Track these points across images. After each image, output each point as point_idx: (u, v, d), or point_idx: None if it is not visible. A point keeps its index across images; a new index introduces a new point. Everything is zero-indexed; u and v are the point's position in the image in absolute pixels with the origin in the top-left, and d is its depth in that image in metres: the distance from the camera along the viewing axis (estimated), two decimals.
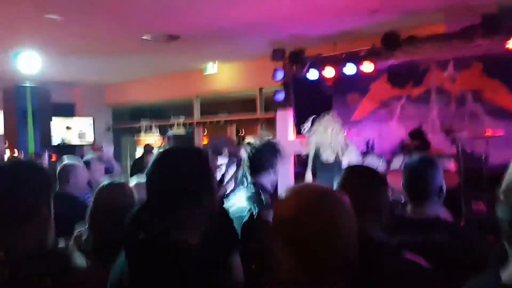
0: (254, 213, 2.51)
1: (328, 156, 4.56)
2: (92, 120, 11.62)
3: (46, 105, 5.79)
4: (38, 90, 5.66)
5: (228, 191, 4.09)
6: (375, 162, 5.62)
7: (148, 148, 9.03)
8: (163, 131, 13.30)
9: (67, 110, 11.58)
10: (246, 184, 2.80)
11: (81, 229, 2.25)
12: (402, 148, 5.89)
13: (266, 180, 2.72)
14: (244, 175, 2.97)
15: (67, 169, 3.76)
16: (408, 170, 2.25)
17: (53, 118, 7.72)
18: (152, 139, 12.97)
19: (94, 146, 9.38)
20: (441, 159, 5.48)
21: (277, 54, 7.66)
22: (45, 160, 5.78)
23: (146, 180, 1.56)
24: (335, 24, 7.02)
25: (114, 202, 2.44)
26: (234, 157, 4.95)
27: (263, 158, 2.76)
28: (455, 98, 6.68)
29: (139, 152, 11.58)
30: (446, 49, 6.37)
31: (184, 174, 1.50)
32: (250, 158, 2.79)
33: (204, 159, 1.59)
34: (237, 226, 2.43)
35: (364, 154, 5.87)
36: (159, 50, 8.32)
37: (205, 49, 8.49)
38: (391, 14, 6.50)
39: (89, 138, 11.45)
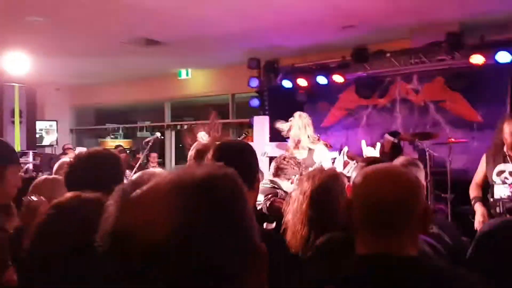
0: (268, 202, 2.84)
1: (300, 153, 4.74)
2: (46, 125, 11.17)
3: (33, 105, 5.83)
4: (25, 90, 5.70)
5: None
6: (349, 164, 6.02)
7: (120, 149, 9.27)
8: (129, 134, 13.32)
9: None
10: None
11: None
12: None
13: (283, 183, 3.09)
14: None
15: None
16: None
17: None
18: (117, 142, 12.94)
19: (65, 147, 9.32)
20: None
21: (252, 63, 8.04)
22: (29, 160, 5.82)
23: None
24: (309, 37, 7.47)
25: None
26: None
27: (289, 167, 3.23)
28: (418, 108, 7.26)
29: None
30: (412, 63, 6.95)
31: (242, 164, 1.81)
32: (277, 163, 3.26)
33: (254, 153, 1.91)
34: None
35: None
36: (136, 54, 8.46)
37: (183, 55, 8.72)
38: (360, 29, 7.01)
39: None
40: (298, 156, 4.79)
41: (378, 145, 4.54)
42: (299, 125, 4.55)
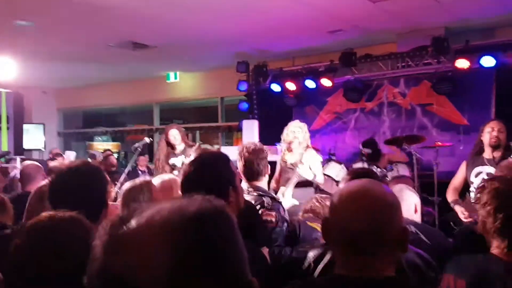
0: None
1: (294, 158, 4.71)
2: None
3: (20, 111, 5.80)
4: (12, 94, 5.67)
5: None
6: (337, 168, 6.06)
7: (108, 153, 9.18)
8: (118, 137, 13.25)
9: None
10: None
11: None
12: (361, 155, 6.40)
13: (264, 184, 2.99)
14: None
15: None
16: None
17: None
18: (105, 145, 12.86)
19: (53, 152, 9.24)
20: (397, 165, 6.05)
21: (241, 66, 8.06)
22: (16, 165, 5.78)
23: (185, 179, 1.86)
24: (297, 41, 7.52)
25: None
26: None
27: (259, 164, 2.92)
28: (405, 111, 7.33)
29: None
30: (398, 67, 7.03)
31: (216, 173, 1.85)
32: (246, 165, 2.92)
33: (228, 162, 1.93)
34: None
35: (326, 160, 6.29)
36: (124, 57, 8.43)
37: (171, 58, 8.72)
38: (347, 33, 7.06)
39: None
40: (289, 159, 4.74)
41: None
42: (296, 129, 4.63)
